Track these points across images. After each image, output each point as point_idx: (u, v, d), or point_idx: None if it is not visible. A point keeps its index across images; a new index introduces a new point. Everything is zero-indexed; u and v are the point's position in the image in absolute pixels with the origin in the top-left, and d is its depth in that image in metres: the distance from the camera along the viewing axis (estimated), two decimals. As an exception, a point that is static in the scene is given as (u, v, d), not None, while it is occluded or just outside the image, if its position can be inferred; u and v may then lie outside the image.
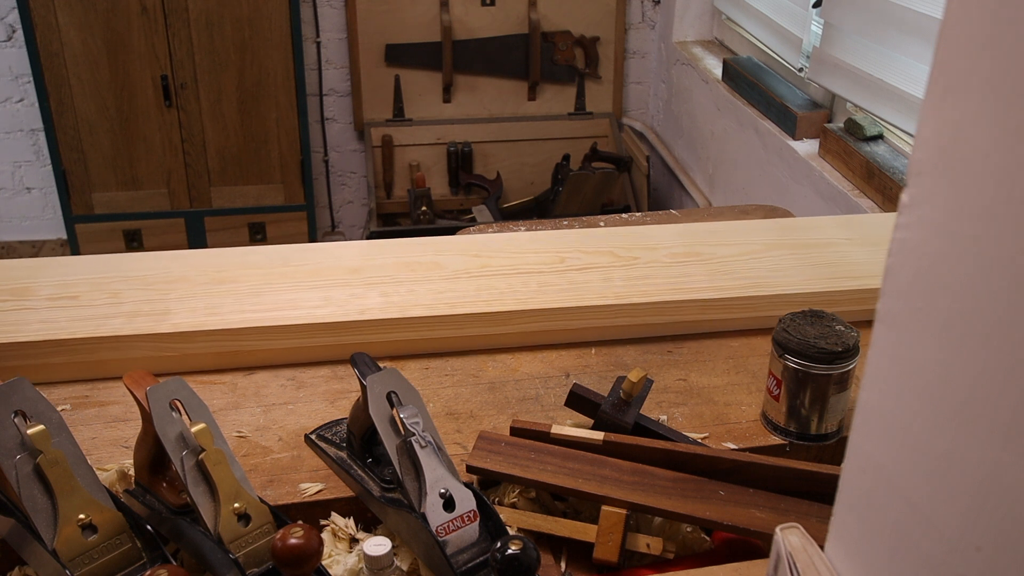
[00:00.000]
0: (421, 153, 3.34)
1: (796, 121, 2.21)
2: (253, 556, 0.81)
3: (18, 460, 0.78)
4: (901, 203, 0.49)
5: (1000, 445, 0.43)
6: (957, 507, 0.47)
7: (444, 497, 0.83)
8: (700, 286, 1.22)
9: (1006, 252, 0.42)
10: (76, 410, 1.06)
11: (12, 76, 3.16)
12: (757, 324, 1.23)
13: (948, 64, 0.45)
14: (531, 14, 3.24)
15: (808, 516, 0.87)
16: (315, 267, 1.24)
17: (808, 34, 2.32)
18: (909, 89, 1.81)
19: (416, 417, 0.86)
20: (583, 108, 3.40)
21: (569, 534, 0.89)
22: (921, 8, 1.74)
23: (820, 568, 0.61)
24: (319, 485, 0.94)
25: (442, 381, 1.12)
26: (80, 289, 1.17)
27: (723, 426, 1.04)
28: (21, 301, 1.14)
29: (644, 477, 0.90)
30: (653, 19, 3.35)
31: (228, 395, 1.09)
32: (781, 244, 1.32)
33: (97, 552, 0.80)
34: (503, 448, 0.93)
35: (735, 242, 1.33)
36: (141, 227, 3.18)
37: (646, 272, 1.25)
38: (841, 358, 0.96)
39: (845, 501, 0.59)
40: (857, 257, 1.29)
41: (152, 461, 0.88)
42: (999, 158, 0.42)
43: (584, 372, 1.14)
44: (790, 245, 1.32)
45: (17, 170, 3.31)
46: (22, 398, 0.80)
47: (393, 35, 3.23)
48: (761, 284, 1.23)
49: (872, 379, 0.54)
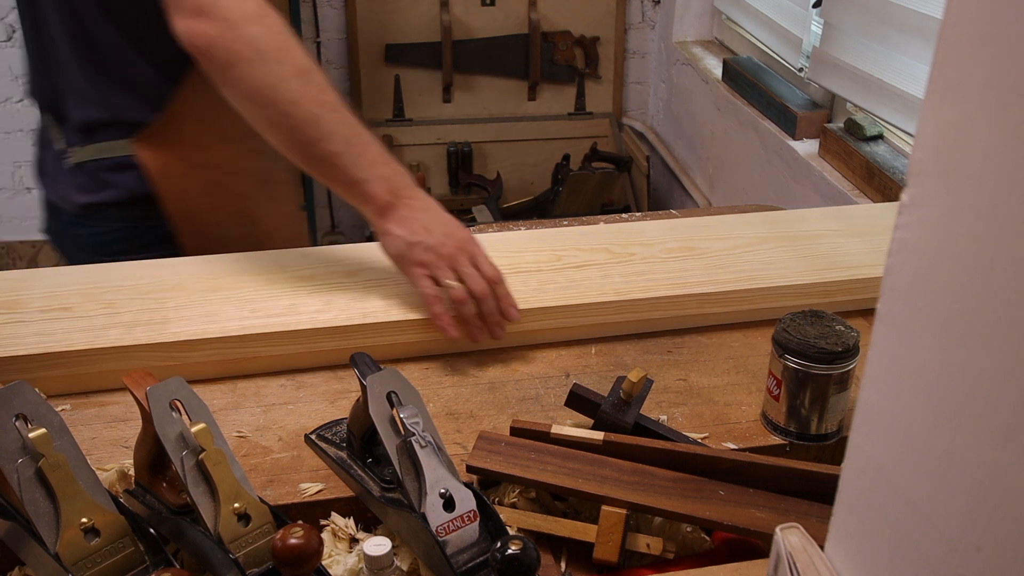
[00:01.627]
0: (421, 153, 3.34)
1: (796, 121, 2.20)
2: (253, 556, 0.81)
3: (20, 464, 0.78)
4: (901, 203, 0.49)
5: (1000, 445, 0.43)
6: (957, 507, 0.47)
7: (444, 497, 0.83)
8: (697, 280, 1.23)
9: (1006, 252, 0.42)
10: (76, 410, 1.06)
11: (12, 76, 3.16)
12: (755, 317, 1.24)
13: (948, 64, 0.45)
14: (531, 14, 3.24)
15: (808, 516, 0.87)
16: (311, 272, 1.23)
17: (808, 34, 2.32)
18: (909, 89, 1.81)
19: (416, 417, 0.86)
20: (583, 108, 3.40)
21: (569, 534, 0.89)
22: (921, 8, 1.74)
23: (820, 568, 0.61)
24: (319, 485, 0.94)
25: (442, 381, 1.12)
26: (73, 300, 1.15)
27: (723, 426, 1.04)
28: (12, 314, 1.12)
29: (644, 477, 0.90)
30: (653, 19, 3.35)
31: (228, 395, 1.09)
32: (773, 237, 1.34)
33: (100, 556, 0.80)
34: (503, 448, 0.93)
35: (728, 236, 1.34)
36: (141, 227, 3.18)
37: (643, 268, 1.26)
38: (841, 358, 0.96)
39: (845, 501, 0.59)
40: (848, 248, 1.32)
41: (152, 461, 0.88)
42: (999, 158, 0.42)
43: (584, 372, 1.14)
44: (781, 238, 1.34)
45: (17, 170, 3.31)
46: (23, 401, 0.80)
47: (393, 35, 3.23)
48: (757, 277, 1.24)
49: (872, 379, 0.54)
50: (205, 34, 1.06)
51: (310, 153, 1.08)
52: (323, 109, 1.07)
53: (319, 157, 1.08)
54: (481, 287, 1.10)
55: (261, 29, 1.06)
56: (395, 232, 1.11)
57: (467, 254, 1.11)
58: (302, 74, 1.07)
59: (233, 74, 1.07)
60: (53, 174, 1.37)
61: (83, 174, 1.31)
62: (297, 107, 1.06)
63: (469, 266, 1.11)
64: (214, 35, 1.05)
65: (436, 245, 1.10)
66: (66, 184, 1.34)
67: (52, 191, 1.38)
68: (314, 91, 1.07)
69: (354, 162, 1.09)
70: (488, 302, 1.11)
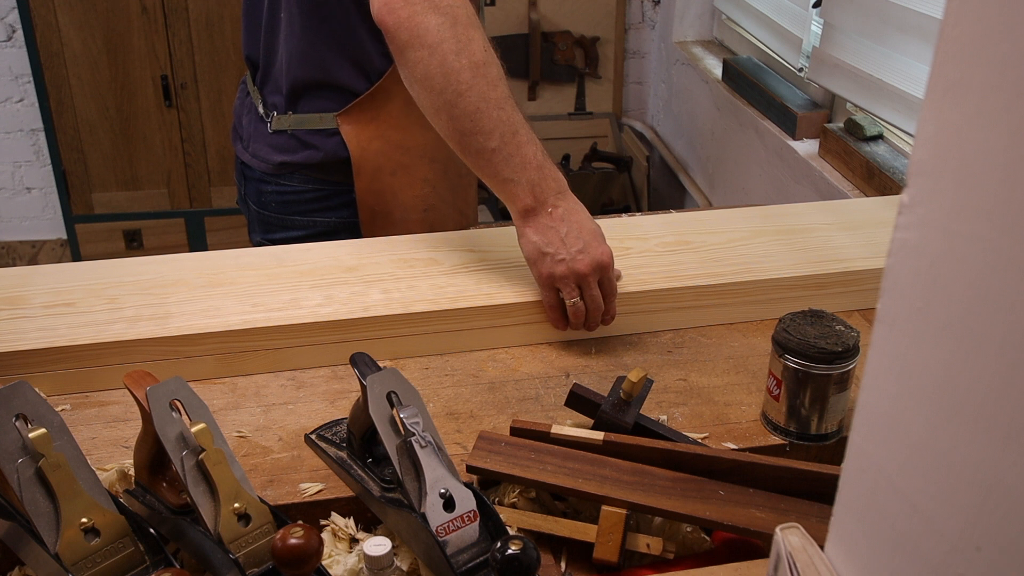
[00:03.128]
0: (421, 153, 3.34)
1: (796, 121, 2.20)
2: (253, 556, 0.81)
3: (20, 464, 0.78)
4: (901, 203, 0.49)
5: (1001, 445, 0.43)
6: (957, 507, 0.47)
7: (444, 497, 0.83)
8: (694, 273, 1.24)
9: (1006, 252, 0.42)
10: (76, 410, 1.06)
11: (12, 76, 3.16)
12: (752, 312, 1.24)
13: (948, 64, 0.45)
14: (531, 14, 3.24)
15: (808, 516, 0.87)
16: (311, 267, 1.24)
17: (808, 34, 2.32)
18: (909, 89, 1.81)
19: (416, 417, 0.86)
20: (583, 108, 3.40)
21: (569, 534, 0.89)
22: (921, 8, 1.73)
23: (820, 568, 0.61)
24: (319, 485, 0.94)
25: (442, 381, 1.12)
26: (75, 296, 1.16)
27: (723, 426, 1.04)
28: (15, 310, 1.13)
29: (644, 477, 0.90)
30: (653, 19, 3.35)
31: (228, 395, 1.09)
32: (766, 231, 1.35)
33: (100, 556, 0.80)
34: (503, 448, 0.93)
35: (723, 230, 1.35)
36: (141, 227, 3.18)
37: (640, 262, 1.26)
38: (841, 358, 0.96)
39: (845, 501, 0.59)
40: (840, 241, 1.33)
41: (152, 461, 0.88)
42: (999, 158, 0.42)
43: (584, 372, 1.14)
44: (775, 231, 1.35)
45: (17, 170, 3.31)
46: (23, 401, 0.80)
47: (393, 35, 3.23)
48: (753, 270, 1.25)
49: (872, 379, 0.54)
50: (394, 12, 1.09)
51: (467, 144, 1.12)
52: (487, 104, 1.10)
53: (474, 150, 1.11)
54: (596, 307, 1.14)
55: (446, 19, 1.09)
56: (532, 238, 1.13)
57: (598, 273, 1.13)
58: (475, 68, 1.09)
59: (411, 56, 1.10)
60: (249, 136, 1.45)
61: (284, 136, 1.39)
62: (462, 99, 1.09)
63: (595, 287, 1.13)
64: (402, 16, 1.09)
65: (568, 260, 1.11)
66: (262, 144, 1.41)
67: (246, 152, 1.45)
68: (483, 85, 1.10)
69: (506, 161, 1.11)
70: (596, 317, 1.15)
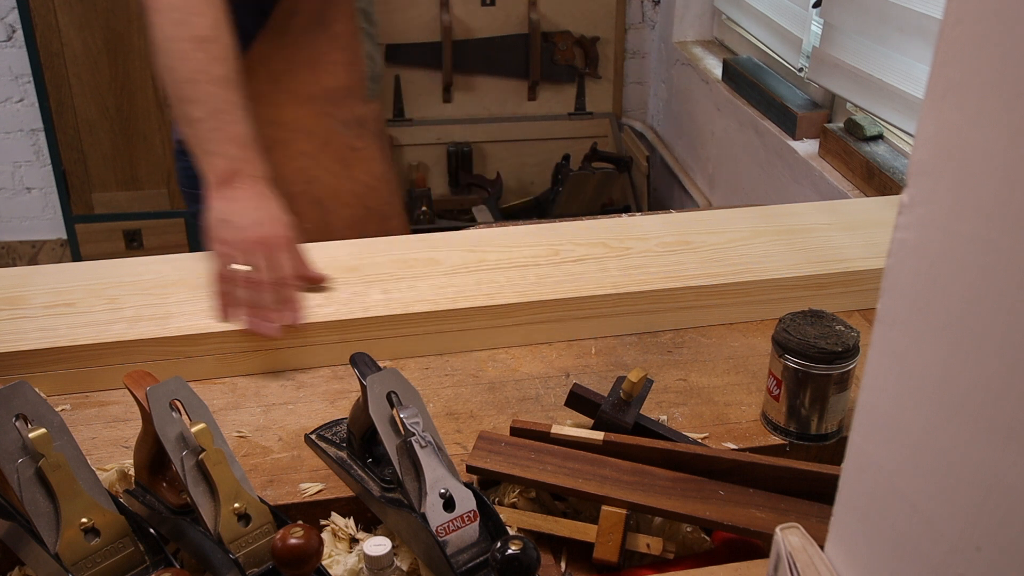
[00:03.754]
0: (421, 153, 3.34)
1: (796, 121, 2.20)
2: (253, 556, 0.81)
3: (20, 464, 0.78)
4: (901, 203, 0.49)
5: (1000, 445, 0.43)
6: (958, 507, 0.47)
7: (444, 497, 0.83)
8: (694, 273, 1.24)
9: (1006, 252, 0.42)
10: (76, 410, 1.06)
11: (12, 76, 3.16)
12: (752, 312, 1.24)
13: (948, 64, 0.45)
14: (531, 14, 3.24)
15: (808, 516, 0.87)
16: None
17: (808, 34, 2.32)
18: (909, 89, 1.81)
19: (416, 417, 0.86)
20: (583, 108, 3.40)
21: (569, 534, 0.89)
22: (921, 8, 1.73)
23: (820, 568, 0.61)
24: (319, 485, 0.94)
25: (442, 381, 1.12)
26: (75, 296, 1.16)
27: (723, 426, 1.04)
28: (15, 310, 1.13)
29: (644, 477, 0.90)
30: (653, 19, 3.35)
31: (228, 395, 1.09)
32: (766, 231, 1.35)
33: (100, 556, 0.80)
34: (503, 448, 0.93)
35: (723, 230, 1.35)
36: (141, 227, 3.18)
37: (640, 262, 1.26)
38: (841, 358, 0.96)
39: (845, 501, 0.59)
40: (840, 241, 1.33)
41: (152, 461, 0.88)
42: (999, 158, 0.42)
43: (584, 372, 1.14)
44: (775, 231, 1.35)
45: (17, 170, 3.31)
46: (23, 401, 0.80)
47: (393, 35, 3.23)
48: (753, 270, 1.25)
49: (872, 379, 0.54)
50: None
51: (179, 112, 1.18)
52: (203, 77, 1.16)
53: (183, 116, 1.18)
54: (259, 278, 1.11)
55: None
56: (213, 206, 1.15)
57: (266, 248, 1.12)
58: (197, 40, 1.17)
59: (149, 19, 1.19)
60: None
61: None
62: (182, 64, 1.16)
63: (261, 258, 1.12)
64: None
65: (240, 229, 1.12)
66: None
67: None
68: (203, 59, 1.16)
69: (209, 134, 1.16)
70: (264, 295, 1.11)
